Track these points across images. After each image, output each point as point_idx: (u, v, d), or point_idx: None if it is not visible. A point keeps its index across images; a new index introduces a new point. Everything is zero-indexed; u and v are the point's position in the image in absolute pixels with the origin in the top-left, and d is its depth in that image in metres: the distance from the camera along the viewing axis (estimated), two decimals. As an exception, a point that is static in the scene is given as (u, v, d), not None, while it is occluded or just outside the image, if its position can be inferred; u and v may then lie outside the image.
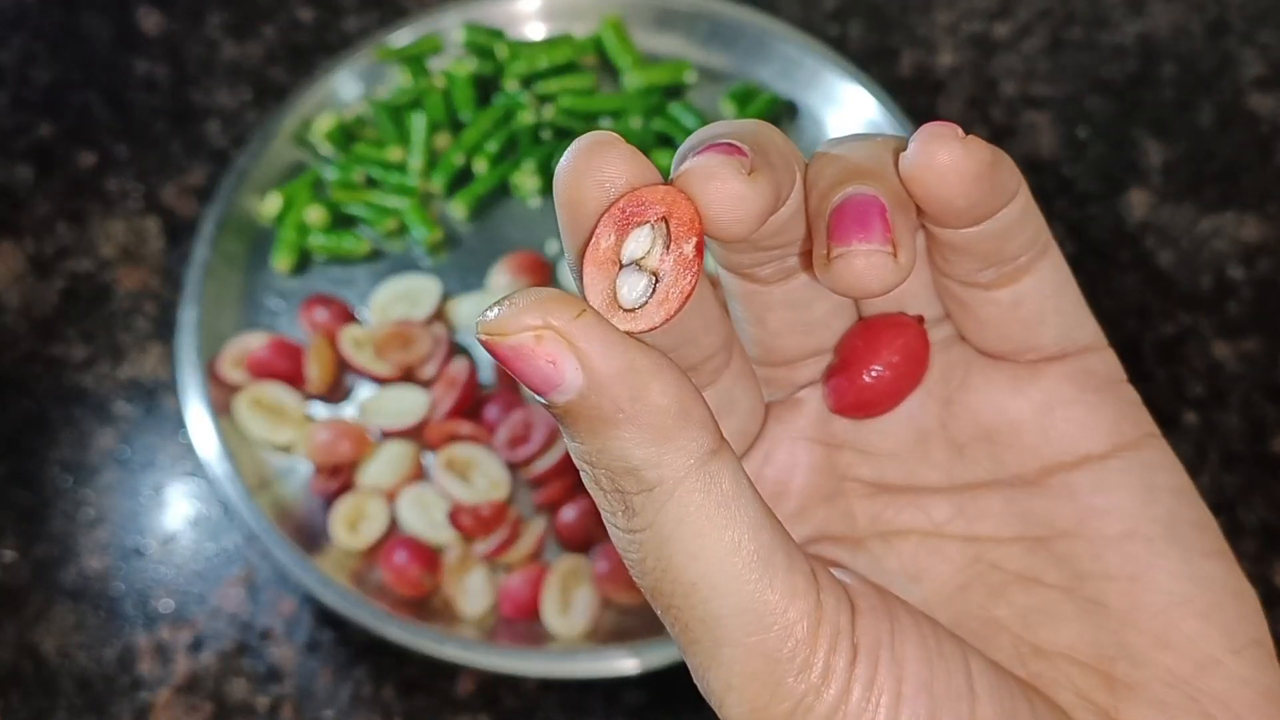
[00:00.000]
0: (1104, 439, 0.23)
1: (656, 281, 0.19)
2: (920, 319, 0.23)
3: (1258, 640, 0.22)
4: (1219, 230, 0.65)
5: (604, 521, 0.20)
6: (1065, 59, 0.72)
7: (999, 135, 0.69)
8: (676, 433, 0.19)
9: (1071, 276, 0.23)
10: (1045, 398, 0.23)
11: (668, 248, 0.19)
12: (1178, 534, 0.22)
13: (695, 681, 0.20)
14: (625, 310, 0.19)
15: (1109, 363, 0.23)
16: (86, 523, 0.59)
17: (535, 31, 0.71)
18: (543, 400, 0.19)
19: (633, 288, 0.19)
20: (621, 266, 0.19)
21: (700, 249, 0.19)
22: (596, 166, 0.19)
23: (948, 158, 0.19)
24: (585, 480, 0.20)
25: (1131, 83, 0.71)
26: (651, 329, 0.19)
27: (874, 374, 0.23)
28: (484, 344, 0.19)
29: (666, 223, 0.19)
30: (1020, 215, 0.21)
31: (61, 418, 0.61)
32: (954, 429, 0.24)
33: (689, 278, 0.19)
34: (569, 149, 0.19)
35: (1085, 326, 0.23)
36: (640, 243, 0.19)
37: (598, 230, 0.19)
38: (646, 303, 0.19)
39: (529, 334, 0.18)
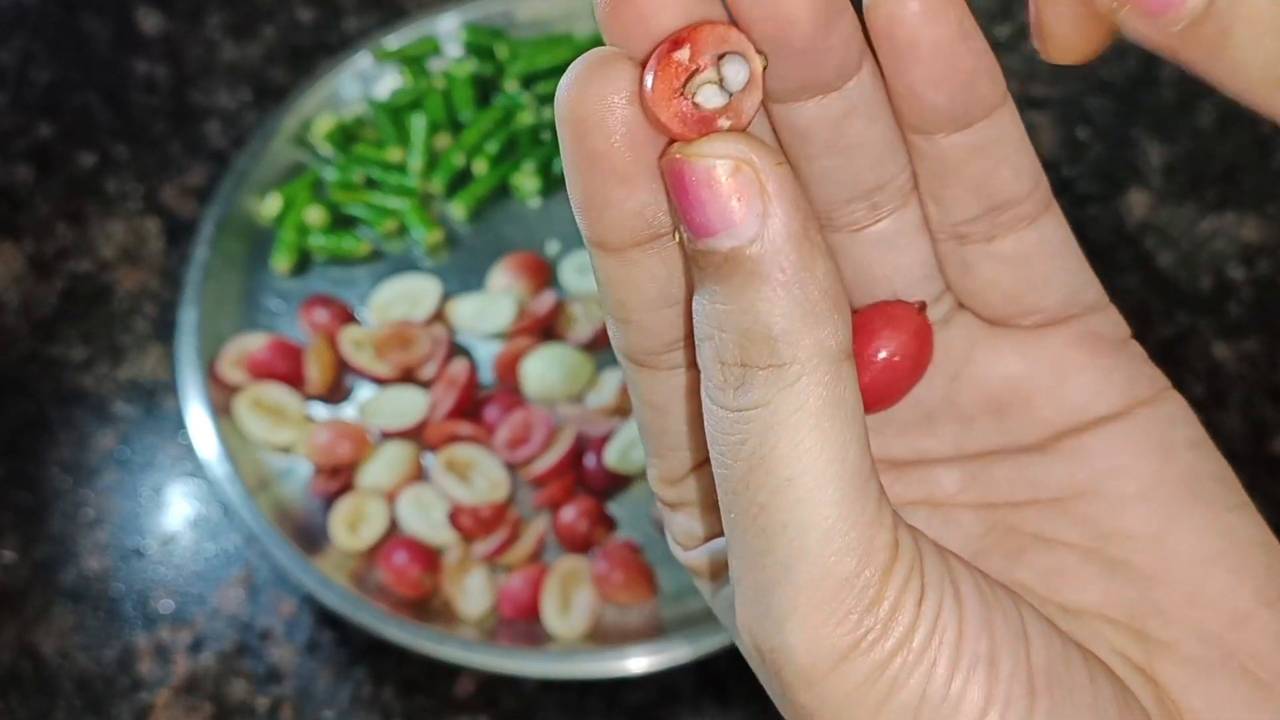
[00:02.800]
0: (1118, 400, 0.22)
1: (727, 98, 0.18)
2: (922, 305, 0.22)
3: None
4: (1219, 231, 0.65)
5: (704, 399, 0.19)
6: (1065, 59, 0.72)
7: (999, 135, 0.69)
8: (826, 318, 0.18)
9: (1073, 236, 0.22)
10: (1055, 364, 0.23)
11: (722, 72, 0.18)
12: (1200, 488, 0.22)
13: (742, 611, 0.19)
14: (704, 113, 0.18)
15: (1115, 322, 0.23)
16: (86, 523, 0.59)
17: (535, 32, 0.71)
18: (702, 245, 0.18)
19: (708, 98, 0.18)
20: (682, 93, 0.18)
21: (757, 71, 0.18)
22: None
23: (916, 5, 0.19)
24: (702, 352, 0.19)
25: (1131, 83, 0.71)
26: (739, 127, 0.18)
27: (873, 370, 0.22)
28: (670, 165, 0.18)
29: (720, 56, 0.18)
30: (1013, 142, 0.21)
31: (61, 418, 0.61)
32: (961, 403, 0.23)
33: (756, 94, 0.18)
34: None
35: (1090, 286, 0.23)
36: (705, 73, 0.18)
37: (651, 65, 0.18)
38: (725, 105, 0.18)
39: (727, 163, 0.18)
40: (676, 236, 0.19)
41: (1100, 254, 0.74)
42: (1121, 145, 0.68)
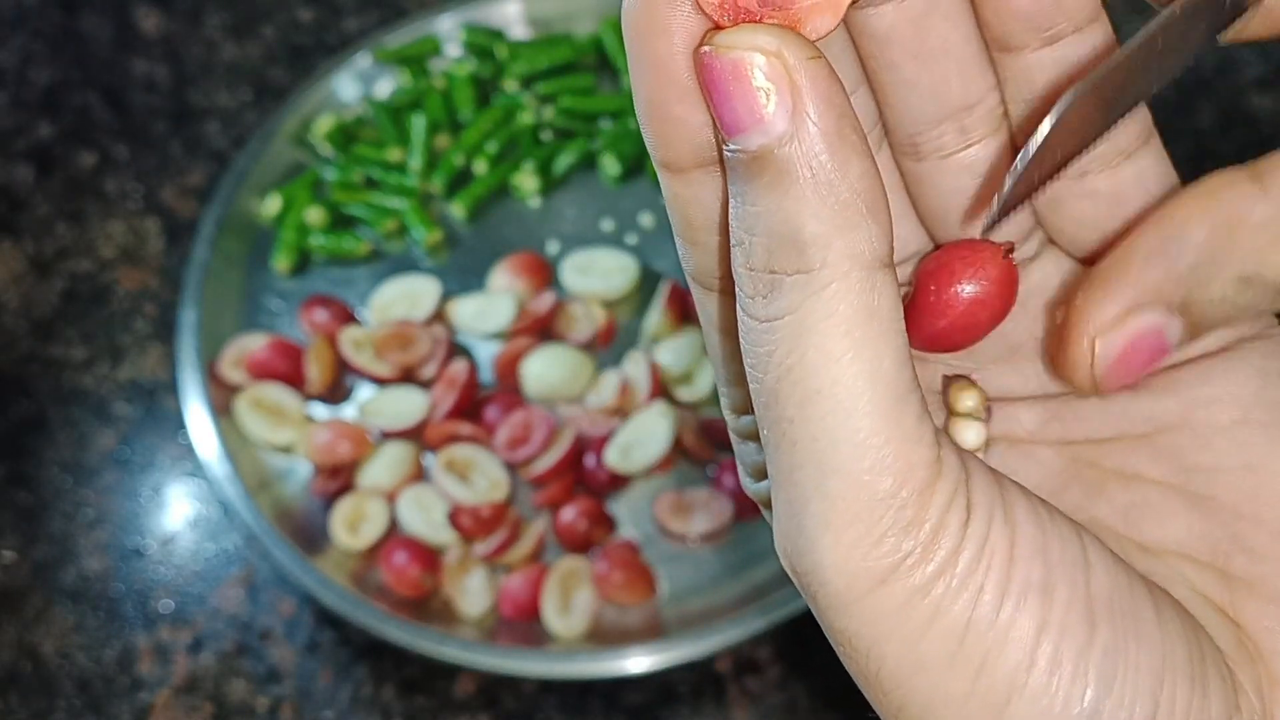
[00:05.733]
0: (1216, 338, 0.21)
1: None
2: (1010, 247, 0.21)
3: None
4: (1219, 230, 0.65)
5: (738, 311, 0.18)
6: (1065, 59, 0.72)
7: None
8: (860, 223, 0.17)
9: (1175, 174, 0.21)
10: None
11: None
12: None
13: (777, 532, 0.19)
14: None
15: None
16: (86, 523, 0.59)
17: (535, 32, 0.71)
18: (732, 144, 0.17)
19: None
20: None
21: None
22: None
23: None
24: (734, 259, 0.18)
25: (1131, 83, 0.71)
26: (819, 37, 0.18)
27: (956, 308, 0.20)
28: (701, 58, 0.17)
29: None
30: (1107, 55, 0.20)
31: (61, 418, 0.61)
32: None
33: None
34: None
35: None
36: None
37: None
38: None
39: (757, 56, 0.17)
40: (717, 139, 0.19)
41: (1100, 254, 0.73)
42: (1121, 145, 0.68)
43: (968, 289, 0.20)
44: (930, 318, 0.21)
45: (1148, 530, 0.21)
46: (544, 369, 0.59)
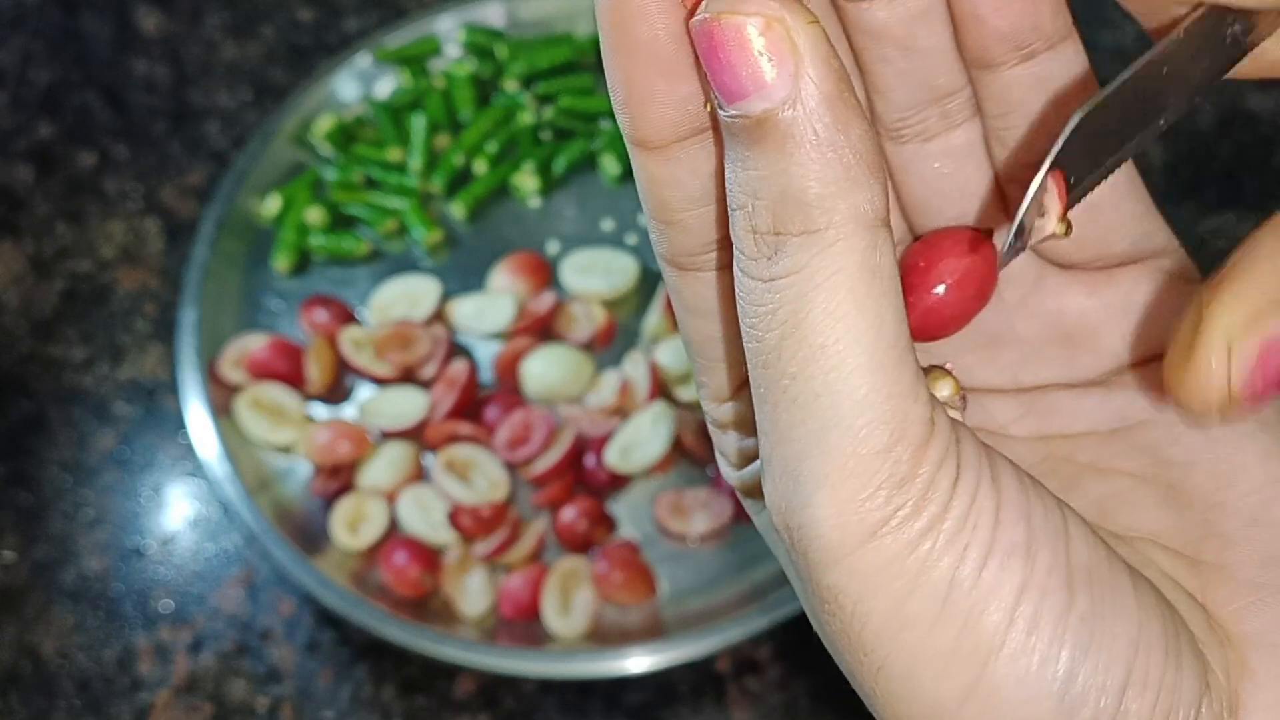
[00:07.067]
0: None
1: None
2: (989, 231, 0.21)
3: None
4: (1219, 231, 0.65)
5: (736, 273, 0.19)
6: (1065, 59, 0.72)
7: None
8: (862, 182, 0.17)
9: (1141, 181, 0.22)
10: (1124, 300, 0.22)
11: None
12: (1265, 414, 0.21)
13: (770, 490, 0.19)
14: None
15: (1186, 264, 0.23)
16: (86, 523, 0.59)
17: (535, 32, 0.71)
18: (734, 109, 0.17)
19: None
20: None
21: None
22: None
23: None
24: (735, 222, 0.18)
25: (1131, 83, 0.71)
26: None
27: (936, 296, 0.21)
28: (700, 25, 0.17)
29: None
30: (1079, 79, 0.20)
31: (61, 418, 0.61)
32: (1025, 333, 0.23)
33: None
34: None
35: (1159, 232, 0.23)
36: None
37: None
38: None
39: (758, 20, 0.17)
40: (708, 106, 0.19)
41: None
42: (1121, 145, 0.68)
43: (950, 274, 0.21)
44: (914, 304, 0.21)
45: (1122, 520, 0.22)
46: (544, 369, 0.59)
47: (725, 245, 0.20)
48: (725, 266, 0.21)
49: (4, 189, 0.69)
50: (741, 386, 0.22)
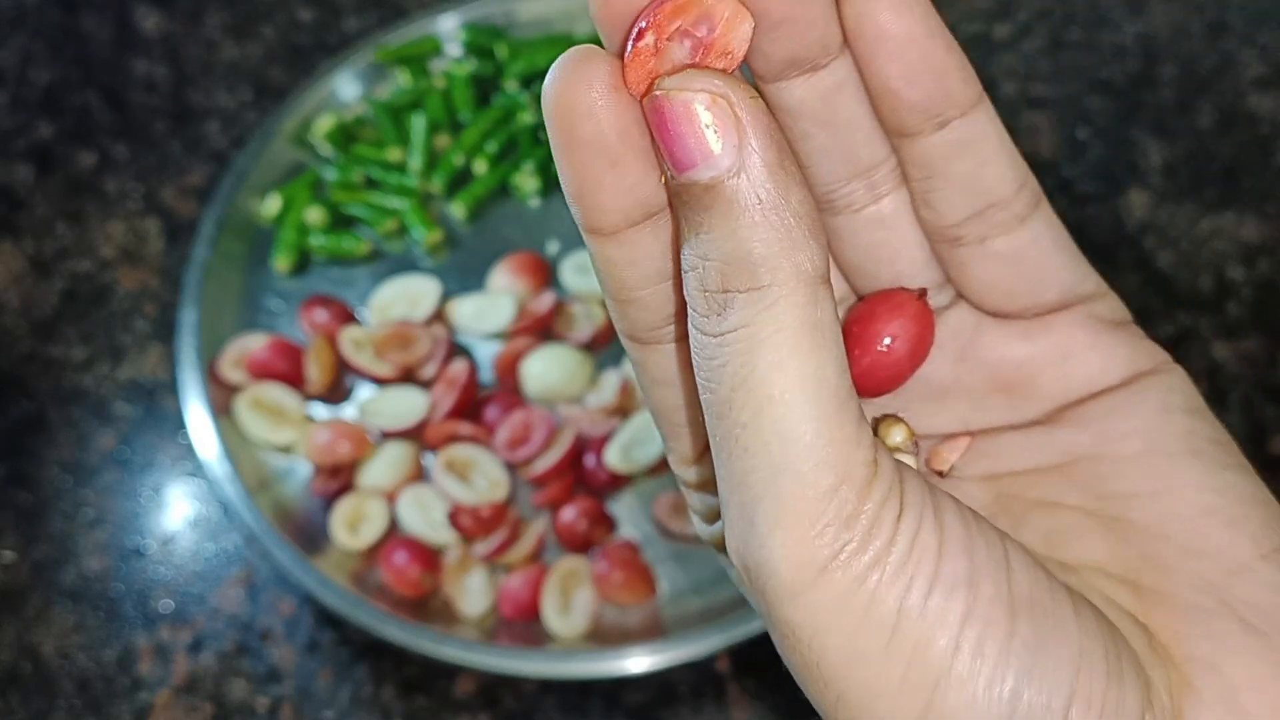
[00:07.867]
0: (1120, 372, 0.23)
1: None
2: (922, 292, 0.23)
3: None
4: (1219, 230, 0.65)
5: (690, 331, 0.20)
6: (1065, 59, 0.72)
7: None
8: (803, 243, 0.19)
9: (1066, 231, 0.23)
10: (1059, 346, 0.24)
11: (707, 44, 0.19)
12: (1198, 448, 0.23)
13: (730, 534, 0.20)
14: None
15: (1115, 307, 0.24)
16: (86, 523, 0.59)
17: (535, 32, 0.71)
18: (684, 179, 0.19)
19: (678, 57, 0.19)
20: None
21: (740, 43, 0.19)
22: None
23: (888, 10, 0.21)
24: (688, 283, 0.20)
25: (1131, 83, 0.71)
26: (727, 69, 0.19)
27: (877, 354, 0.23)
28: (652, 103, 0.19)
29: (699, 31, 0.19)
30: (994, 142, 0.22)
31: (61, 418, 0.61)
32: (970, 382, 0.24)
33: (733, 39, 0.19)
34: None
35: (1087, 278, 0.24)
36: (680, 50, 0.19)
37: (633, 37, 0.19)
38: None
39: (704, 96, 0.18)
40: (663, 179, 0.20)
41: (1100, 254, 0.74)
42: (1121, 145, 0.68)
43: (891, 331, 0.23)
44: (858, 362, 0.23)
45: (1068, 551, 0.23)
46: (544, 369, 0.59)
47: (681, 318, 0.22)
48: (683, 338, 0.22)
49: (4, 189, 0.69)
50: (705, 450, 0.23)
